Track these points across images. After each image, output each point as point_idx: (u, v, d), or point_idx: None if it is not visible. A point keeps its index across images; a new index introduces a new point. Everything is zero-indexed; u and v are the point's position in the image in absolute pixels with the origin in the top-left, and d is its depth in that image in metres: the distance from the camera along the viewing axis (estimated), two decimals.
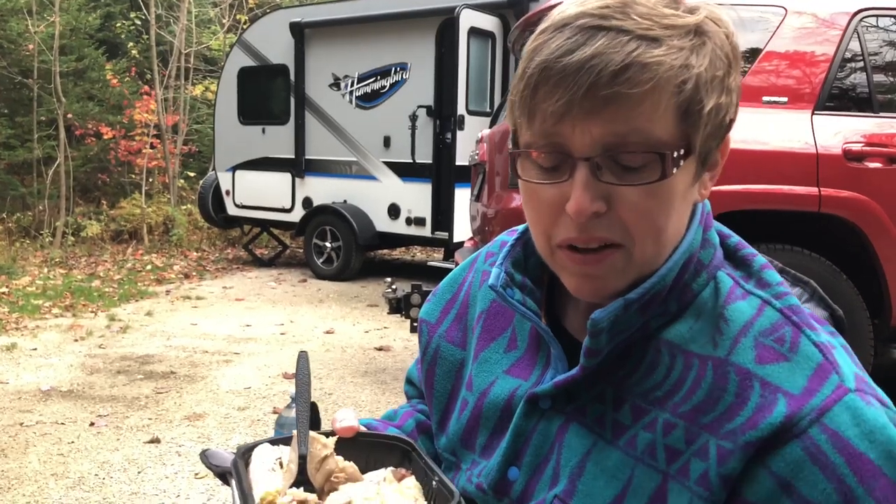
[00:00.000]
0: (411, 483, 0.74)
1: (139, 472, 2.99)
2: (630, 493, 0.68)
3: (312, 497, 0.70)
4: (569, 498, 0.71)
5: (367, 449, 0.80)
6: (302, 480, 0.72)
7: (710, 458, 0.65)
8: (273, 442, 0.80)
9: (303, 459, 0.72)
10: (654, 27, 0.63)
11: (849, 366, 0.67)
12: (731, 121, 0.70)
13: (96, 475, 2.96)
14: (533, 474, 0.76)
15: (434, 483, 0.72)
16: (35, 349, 4.87)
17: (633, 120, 0.63)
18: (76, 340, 5.12)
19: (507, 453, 0.77)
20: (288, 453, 0.77)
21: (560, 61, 0.63)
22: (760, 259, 0.75)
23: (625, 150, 0.64)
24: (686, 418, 0.67)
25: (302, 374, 0.82)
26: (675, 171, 0.65)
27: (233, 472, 0.76)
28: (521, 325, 0.83)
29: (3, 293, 6.48)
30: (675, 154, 0.65)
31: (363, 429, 0.82)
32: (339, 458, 0.75)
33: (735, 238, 0.78)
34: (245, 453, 0.78)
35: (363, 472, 0.76)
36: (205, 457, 0.84)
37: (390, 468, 0.77)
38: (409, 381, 1.06)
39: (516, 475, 0.77)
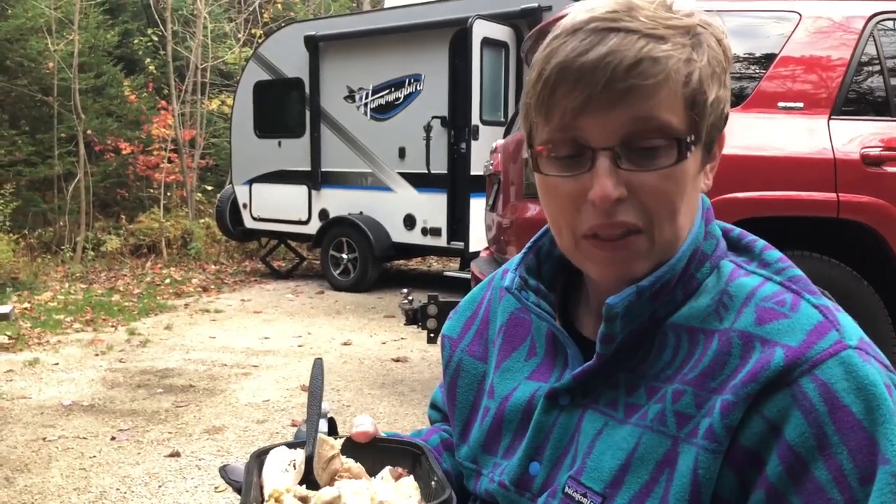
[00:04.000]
0: (408, 482, 0.76)
1: (160, 486, 3.01)
2: (636, 460, 0.70)
3: (313, 493, 0.73)
4: (579, 475, 0.73)
5: (380, 454, 0.83)
6: (310, 479, 0.76)
7: (714, 413, 0.67)
8: (290, 445, 0.83)
9: (308, 459, 0.77)
10: (659, 27, 0.68)
11: (853, 327, 0.69)
12: (728, 114, 0.75)
13: (118, 489, 2.98)
14: (553, 467, 0.77)
15: (433, 483, 0.75)
16: (57, 364, 4.92)
17: (649, 109, 0.68)
18: (97, 355, 5.17)
19: (528, 449, 0.79)
20: (301, 455, 0.80)
21: (577, 61, 0.68)
22: (761, 242, 0.79)
23: (642, 138, 0.69)
24: (694, 384, 0.70)
25: (315, 380, 0.85)
26: (688, 154, 0.70)
27: (244, 470, 0.80)
28: (539, 332, 0.86)
29: (26, 309, 6.55)
30: (689, 139, 0.70)
31: (382, 434, 0.85)
32: (349, 460, 0.79)
33: (737, 230, 0.81)
34: (260, 455, 0.82)
35: (375, 475, 0.79)
36: (224, 472, 0.86)
37: (388, 467, 0.80)
38: (433, 406, 1.07)
39: (537, 470, 0.79)
